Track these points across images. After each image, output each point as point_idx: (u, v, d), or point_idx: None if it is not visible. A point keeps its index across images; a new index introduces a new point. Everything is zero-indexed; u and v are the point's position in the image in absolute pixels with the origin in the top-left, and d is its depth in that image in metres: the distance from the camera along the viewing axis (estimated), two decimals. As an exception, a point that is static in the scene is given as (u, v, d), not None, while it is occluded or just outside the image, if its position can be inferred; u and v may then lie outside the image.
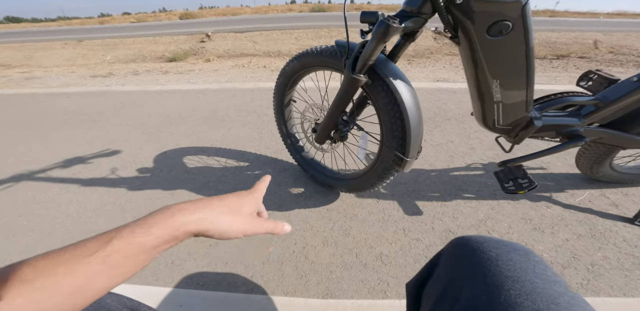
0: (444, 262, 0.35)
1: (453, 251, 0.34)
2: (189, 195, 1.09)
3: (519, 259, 0.28)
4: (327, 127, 0.89)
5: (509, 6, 0.58)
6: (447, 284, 0.31)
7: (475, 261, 0.29)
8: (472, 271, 0.29)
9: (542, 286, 0.25)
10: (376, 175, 0.84)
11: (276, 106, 1.10)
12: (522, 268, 0.27)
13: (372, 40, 0.65)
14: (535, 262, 0.28)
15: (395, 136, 0.75)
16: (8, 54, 5.41)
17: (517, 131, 0.83)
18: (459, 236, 0.36)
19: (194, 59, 4.04)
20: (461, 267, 0.31)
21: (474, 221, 0.94)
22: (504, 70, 0.69)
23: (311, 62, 0.88)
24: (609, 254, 0.82)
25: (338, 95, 0.80)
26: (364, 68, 0.70)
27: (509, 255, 0.29)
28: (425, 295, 0.36)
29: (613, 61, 3.42)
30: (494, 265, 0.28)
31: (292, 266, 0.81)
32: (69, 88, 2.54)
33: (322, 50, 0.83)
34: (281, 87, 1.03)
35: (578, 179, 1.12)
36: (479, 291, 0.26)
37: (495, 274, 0.27)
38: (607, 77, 0.86)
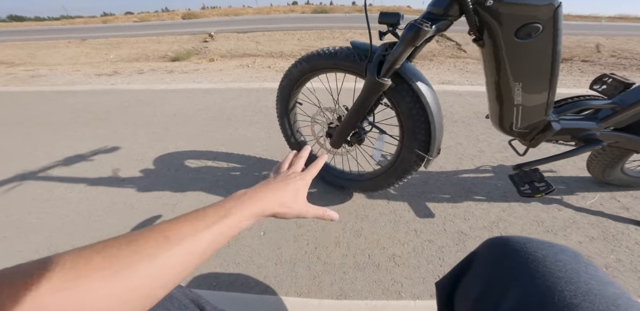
0: (480, 262, 0.34)
1: (491, 252, 0.33)
2: (199, 194, 1.09)
3: (568, 260, 0.28)
4: (346, 131, 0.87)
5: (541, 8, 0.57)
6: (487, 284, 0.30)
7: (520, 262, 0.29)
8: (518, 272, 0.28)
9: (597, 288, 0.24)
10: (395, 175, 0.87)
11: (280, 109, 1.05)
12: (574, 269, 0.26)
13: (400, 44, 0.64)
14: (585, 264, 0.28)
15: (418, 138, 0.77)
16: (11, 52, 5.41)
17: (533, 134, 0.83)
18: (496, 237, 0.35)
19: (197, 58, 4.05)
20: (503, 268, 0.30)
21: (486, 223, 0.94)
22: (529, 73, 0.68)
23: (323, 65, 0.85)
24: (622, 256, 0.82)
25: (360, 99, 0.77)
26: (389, 72, 0.69)
27: (557, 256, 0.28)
28: (459, 295, 0.35)
29: (616, 65, 3.43)
30: (542, 266, 0.27)
31: (304, 267, 0.80)
32: (75, 87, 2.54)
33: (337, 52, 0.80)
34: (286, 89, 0.98)
35: (588, 182, 1.12)
36: (529, 292, 0.26)
37: (545, 275, 0.26)
38: (622, 81, 0.86)
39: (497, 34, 0.61)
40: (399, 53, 0.65)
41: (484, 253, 0.34)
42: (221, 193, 1.10)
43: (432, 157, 0.78)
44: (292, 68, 0.92)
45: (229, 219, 0.28)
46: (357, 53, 0.77)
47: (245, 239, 0.89)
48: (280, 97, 1.03)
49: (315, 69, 0.87)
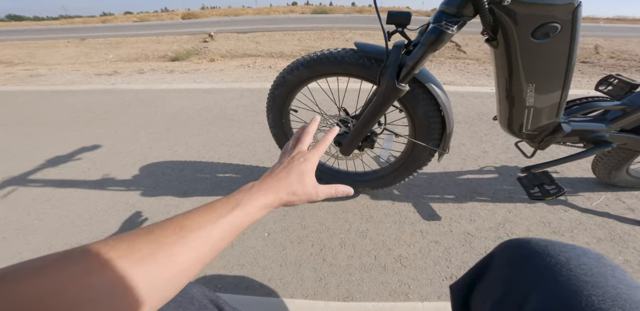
0: (498, 265, 0.33)
1: (509, 254, 0.32)
2: (202, 195, 1.08)
3: (593, 263, 0.27)
4: (358, 138, 0.83)
5: (560, 8, 0.56)
6: (506, 288, 0.29)
7: (542, 265, 0.28)
8: (540, 276, 0.27)
9: (627, 292, 0.23)
10: (407, 172, 0.90)
11: (273, 120, 0.96)
12: (601, 273, 0.25)
13: (421, 48, 0.61)
14: (612, 267, 0.27)
15: (434, 137, 0.79)
16: (10, 52, 5.38)
17: (542, 136, 0.82)
18: (513, 239, 0.34)
19: (198, 58, 4.04)
20: (523, 271, 0.29)
21: (492, 224, 0.93)
22: (543, 74, 0.66)
23: (328, 70, 0.78)
24: (629, 257, 0.82)
25: (375, 105, 0.73)
26: (408, 77, 0.66)
27: (580, 258, 0.27)
28: (475, 298, 0.35)
29: (615, 66, 3.45)
30: (565, 269, 0.26)
31: (310, 268, 0.79)
32: (74, 86, 2.53)
33: (343, 56, 0.75)
34: (280, 98, 0.89)
35: (593, 183, 1.12)
36: (553, 296, 0.25)
37: (569, 279, 0.25)
38: (629, 82, 0.86)
39: (512, 34, 0.60)
40: (418, 58, 0.62)
41: (501, 255, 0.34)
42: (224, 193, 1.09)
43: (447, 152, 0.82)
44: (287, 74, 0.83)
45: (239, 211, 0.28)
46: (367, 57, 0.73)
47: (249, 240, 0.88)
48: (272, 107, 0.93)
49: (318, 74, 0.80)
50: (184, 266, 0.23)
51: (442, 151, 0.82)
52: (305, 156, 0.36)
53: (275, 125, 0.97)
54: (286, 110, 0.94)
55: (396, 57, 0.66)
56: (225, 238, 0.26)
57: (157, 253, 0.21)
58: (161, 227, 0.23)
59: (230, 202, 0.28)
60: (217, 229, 0.25)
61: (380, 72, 0.68)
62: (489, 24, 0.59)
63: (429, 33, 0.59)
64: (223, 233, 0.26)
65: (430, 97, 0.74)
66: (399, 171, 0.92)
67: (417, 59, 0.63)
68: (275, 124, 0.97)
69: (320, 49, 0.81)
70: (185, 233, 0.23)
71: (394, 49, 0.67)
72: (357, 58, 0.74)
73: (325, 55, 0.77)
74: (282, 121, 0.95)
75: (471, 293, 0.36)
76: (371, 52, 0.72)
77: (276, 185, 0.32)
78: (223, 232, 0.26)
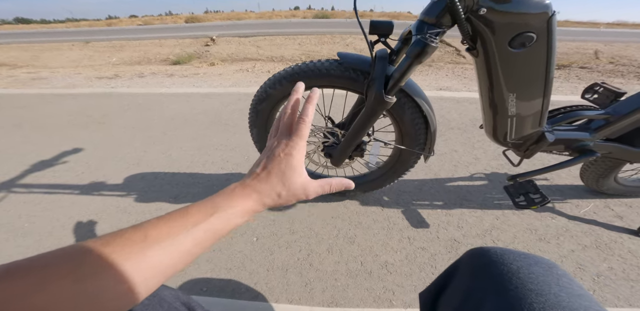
0: (461, 273, 0.34)
1: (471, 262, 0.34)
2: (193, 199, 1.09)
3: (541, 272, 0.28)
4: (349, 149, 0.83)
5: (535, 17, 0.56)
6: (466, 296, 0.31)
7: (496, 274, 0.29)
8: (493, 284, 0.29)
9: (567, 300, 0.25)
10: (396, 174, 0.93)
11: (257, 135, 0.93)
12: (546, 281, 0.27)
13: (406, 61, 0.61)
14: (558, 275, 0.28)
15: (420, 142, 0.82)
16: (14, 54, 5.46)
17: (527, 145, 0.83)
18: (477, 247, 0.35)
19: (199, 62, 4.08)
20: (481, 279, 0.30)
21: (479, 231, 0.94)
22: (523, 83, 0.67)
23: (311, 83, 0.76)
24: (614, 265, 0.82)
25: (363, 117, 0.73)
26: (395, 89, 0.66)
27: (530, 267, 0.29)
28: (441, 305, 0.36)
29: (614, 72, 3.45)
30: (515, 278, 0.27)
31: (296, 273, 0.80)
32: (75, 90, 2.56)
33: (328, 69, 0.73)
34: (263, 112, 0.86)
35: (582, 191, 1.12)
36: (501, 305, 0.26)
37: (517, 287, 0.27)
38: (614, 90, 0.87)
39: (490, 43, 0.61)
40: (404, 70, 0.62)
41: (465, 264, 0.35)
42: (216, 198, 1.10)
43: (433, 154, 0.86)
44: (270, 89, 0.80)
45: (217, 218, 0.25)
46: (352, 69, 0.73)
47: (237, 244, 0.89)
48: (255, 122, 0.90)
49: None
50: (146, 278, 0.22)
51: (427, 154, 0.86)
52: (285, 150, 0.30)
53: (260, 139, 0.94)
54: (271, 124, 0.91)
55: (382, 69, 0.66)
56: (201, 245, 0.25)
57: (115, 266, 0.20)
58: (123, 235, 0.22)
59: (207, 206, 0.26)
60: (190, 237, 0.24)
61: (367, 85, 0.68)
62: (467, 33, 0.60)
63: (414, 45, 0.59)
64: (197, 241, 0.24)
65: (415, 105, 0.76)
66: (387, 174, 0.94)
67: (403, 71, 0.63)
68: (260, 138, 0.94)
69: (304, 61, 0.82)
70: (149, 243, 0.22)
71: (379, 61, 0.67)
72: (343, 70, 0.73)
73: (309, 68, 0.74)
74: (267, 135, 0.92)
75: (438, 300, 0.37)
76: (356, 63, 0.72)
77: (258, 188, 0.29)
78: (197, 239, 0.24)
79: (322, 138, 0.92)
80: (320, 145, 0.93)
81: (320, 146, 0.93)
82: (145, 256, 0.22)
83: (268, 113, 0.87)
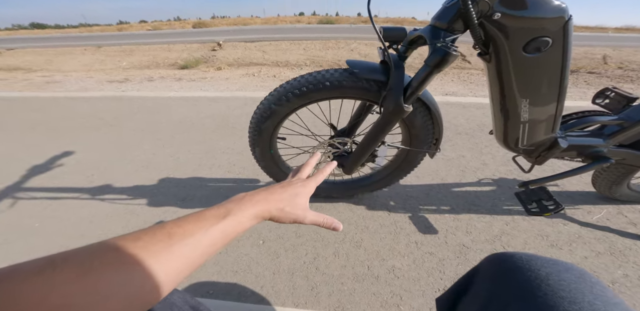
0: (482, 278, 0.34)
1: (494, 268, 0.33)
2: (200, 201, 1.10)
3: (573, 279, 0.27)
4: (362, 158, 0.82)
5: (551, 22, 0.55)
6: (488, 301, 0.30)
7: (522, 280, 0.28)
8: (520, 290, 0.28)
9: (602, 308, 0.24)
10: (403, 172, 0.95)
11: (261, 153, 0.87)
12: (579, 289, 0.26)
13: (425, 70, 0.60)
14: (592, 283, 0.27)
15: (428, 142, 0.83)
16: (29, 58, 5.62)
17: (539, 151, 0.82)
18: (499, 252, 0.34)
19: (205, 66, 4.15)
20: (505, 285, 0.30)
21: (488, 236, 0.92)
22: (536, 89, 0.66)
23: (322, 96, 0.72)
24: (629, 272, 0.80)
25: (379, 126, 0.71)
26: (412, 98, 0.65)
27: (561, 274, 0.28)
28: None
29: (623, 77, 3.41)
30: (544, 285, 0.27)
31: (302, 277, 0.80)
32: (87, 93, 2.62)
33: (340, 80, 0.69)
34: (267, 131, 0.81)
35: (594, 197, 1.10)
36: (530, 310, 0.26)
37: (547, 294, 0.26)
38: (626, 95, 0.85)
39: (504, 48, 0.60)
40: (423, 79, 0.61)
41: (486, 269, 0.34)
42: (222, 200, 1.10)
43: (439, 151, 0.88)
44: (274, 105, 0.74)
45: (230, 220, 0.29)
46: (365, 79, 0.69)
47: (244, 248, 0.89)
48: (258, 141, 0.84)
49: (311, 101, 0.73)
50: (171, 273, 0.23)
51: (434, 151, 0.87)
52: (303, 182, 0.39)
53: (264, 157, 0.90)
54: (274, 140, 0.87)
55: (400, 79, 0.64)
56: (216, 245, 0.27)
57: (144, 261, 0.22)
58: (149, 233, 0.24)
59: (221, 210, 0.29)
60: (208, 237, 0.26)
61: (385, 95, 0.66)
62: (479, 38, 0.59)
63: (434, 54, 0.57)
64: (214, 240, 0.27)
65: (426, 108, 0.76)
66: (394, 173, 0.95)
67: (421, 80, 0.62)
68: (264, 157, 0.89)
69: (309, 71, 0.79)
70: (175, 241, 0.24)
71: (396, 70, 0.65)
72: (356, 80, 0.69)
73: (318, 80, 0.69)
74: (270, 152, 0.88)
75: (456, 306, 0.36)
76: (369, 73, 0.69)
77: (267, 199, 0.33)
78: (214, 239, 0.27)
79: (333, 149, 0.90)
80: (330, 155, 0.91)
81: (330, 156, 0.91)
82: (170, 253, 0.23)
83: (272, 131, 0.81)
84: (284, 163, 0.98)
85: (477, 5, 0.54)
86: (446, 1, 0.60)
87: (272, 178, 1.00)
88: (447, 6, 0.58)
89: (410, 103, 0.66)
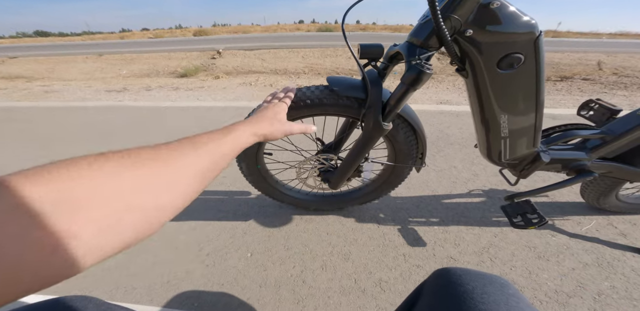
0: (426, 293, 0.36)
1: (434, 283, 0.35)
2: (196, 211, 1.10)
3: (493, 291, 0.30)
4: (347, 174, 0.83)
5: (522, 38, 0.56)
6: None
7: (454, 295, 0.31)
8: (452, 305, 0.30)
9: None
10: (391, 186, 0.95)
11: (246, 168, 0.89)
12: (495, 301, 0.29)
13: (401, 88, 0.61)
14: (508, 295, 0.30)
15: (413, 156, 0.83)
16: (32, 67, 5.70)
17: (523, 165, 0.82)
18: (442, 268, 0.37)
19: (204, 75, 4.21)
20: (441, 299, 0.32)
21: (477, 248, 0.92)
22: (514, 104, 0.67)
23: (303, 113, 0.73)
24: (616, 284, 0.80)
25: (361, 143, 0.73)
26: (391, 116, 0.66)
27: (484, 288, 0.30)
28: None
29: (617, 83, 3.43)
30: (469, 298, 0.29)
31: (289, 290, 0.80)
32: (84, 103, 2.65)
33: (320, 98, 0.70)
34: (252, 146, 0.80)
35: (584, 208, 1.10)
36: None
37: (470, 307, 0.28)
38: (609, 108, 0.86)
39: (479, 64, 0.61)
40: (399, 96, 0.62)
41: (430, 284, 0.36)
42: (212, 212, 1.11)
43: (425, 165, 0.90)
44: None
45: (234, 134, 0.36)
46: (346, 96, 0.70)
47: (231, 260, 0.89)
48: (244, 157, 0.86)
49: (294, 117, 0.74)
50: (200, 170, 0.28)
51: (420, 166, 0.88)
52: (275, 104, 0.52)
53: (251, 172, 0.91)
54: (260, 156, 0.89)
55: (377, 96, 0.65)
56: (229, 154, 0.33)
57: (177, 159, 0.26)
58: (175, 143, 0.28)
59: (224, 131, 0.36)
60: (223, 145, 0.33)
61: (364, 113, 0.68)
62: (455, 55, 0.60)
63: (409, 72, 0.59)
64: (228, 148, 0.33)
65: (408, 124, 0.77)
66: (383, 186, 0.95)
67: (398, 98, 0.63)
68: (251, 172, 0.91)
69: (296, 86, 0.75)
70: (199, 145, 0.30)
71: (374, 87, 0.66)
72: (336, 98, 0.70)
73: (299, 97, 0.70)
74: (257, 167, 0.90)
75: None
76: (349, 90, 0.69)
77: (257, 120, 0.43)
78: (228, 147, 0.33)
79: (318, 164, 0.91)
80: (316, 170, 0.92)
81: (316, 171, 0.92)
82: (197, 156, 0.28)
83: (257, 147, 0.84)
84: (272, 178, 0.98)
85: (450, 22, 0.55)
86: (421, 18, 0.61)
87: (261, 192, 1.00)
88: (422, 23, 0.59)
89: (390, 120, 0.67)
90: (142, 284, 0.82)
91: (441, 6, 0.54)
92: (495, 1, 0.53)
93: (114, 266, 0.87)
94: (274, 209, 1.11)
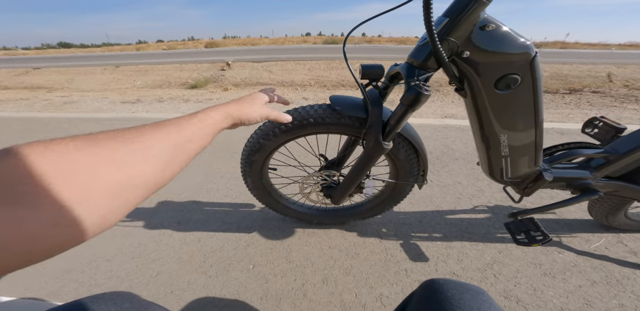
0: (414, 302, 0.38)
1: (422, 293, 0.38)
2: (195, 224, 1.12)
3: (469, 298, 0.34)
4: (349, 191, 0.85)
5: (518, 59, 0.57)
6: None
7: (437, 303, 0.34)
8: (432, 309, 0.34)
9: None
10: (394, 202, 0.96)
11: (251, 183, 0.91)
12: (469, 306, 0.32)
13: (400, 108, 0.63)
14: (482, 301, 0.33)
15: (414, 174, 0.85)
16: (53, 78, 5.98)
17: (526, 183, 0.82)
18: (429, 279, 0.40)
19: (214, 86, 4.34)
20: (425, 306, 0.36)
21: (480, 264, 0.91)
22: (512, 124, 0.67)
23: (306, 131, 0.75)
24: (625, 302, 0.78)
25: (362, 162, 0.75)
26: (391, 135, 0.68)
27: (461, 295, 0.34)
28: None
29: (628, 97, 3.38)
30: (448, 304, 0.33)
31: (289, 303, 0.80)
32: (100, 114, 2.77)
33: (323, 118, 0.72)
34: (257, 163, 0.85)
35: (593, 225, 1.08)
36: None
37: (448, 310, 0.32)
38: (614, 126, 0.86)
39: (477, 85, 0.62)
40: (399, 117, 0.64)
41: (418, 294, 0.39)
42: (217, 224, 1.12)
43: (427, 182, 0.89)
44: (262, 140, 0.78)
45: (204, 115, 0.36)
46: (348, 116, 0.71)
47: (233, 272, 0.90)
48: (249, 172, 0.88)
49: (296, 136, 0.77)
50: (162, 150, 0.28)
51: (421, 183, 0.88)
52: (255, 92, 0.52)
53: (256, 187, 0.93)
54: (265, 171, 0.91)
55: (378, 116, 0.66)
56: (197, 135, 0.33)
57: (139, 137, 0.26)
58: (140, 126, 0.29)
59: (193, 113, 0.36)
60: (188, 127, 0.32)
61: (365, 132, 0.69)
62: (453, 75, 0.62)
63: (408, 93, 0.60)
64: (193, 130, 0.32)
65: (408, 143, 0.78)
66: (385, 201, 0.96)
67: (398, 119, 0.64)
68: (256, 186, 0.93)
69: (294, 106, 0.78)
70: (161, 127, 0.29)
71: (374, 107, 0.67)
72: (339, 117, 0.72)
73: (302, 116, 0.72)
74: (262, 182, 0.92)
75: None
76: (350, 109, 0.71)
77: (232, 102, 0.44)
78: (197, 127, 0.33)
79: (321, 180, 0.93)
80: (318, 186, 0.94)
81: (319, 187, 0.94)
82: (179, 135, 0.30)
83: (262, 163, 0.85)
84: (277, 192, 1.00)
85: (447, 44, 0.57)
86: (420, 40, 0.63)
87: (266, 206, 1.02)
88: (421, 45, 0.61)
89: (390, 140, 0.69)
90: (146, 294, 0.83)
91: (438, 29, 0.56)
92: (490, 24, 0.55)
93: (119, 276, 0.89)
94: (277, 222, 1.12)
